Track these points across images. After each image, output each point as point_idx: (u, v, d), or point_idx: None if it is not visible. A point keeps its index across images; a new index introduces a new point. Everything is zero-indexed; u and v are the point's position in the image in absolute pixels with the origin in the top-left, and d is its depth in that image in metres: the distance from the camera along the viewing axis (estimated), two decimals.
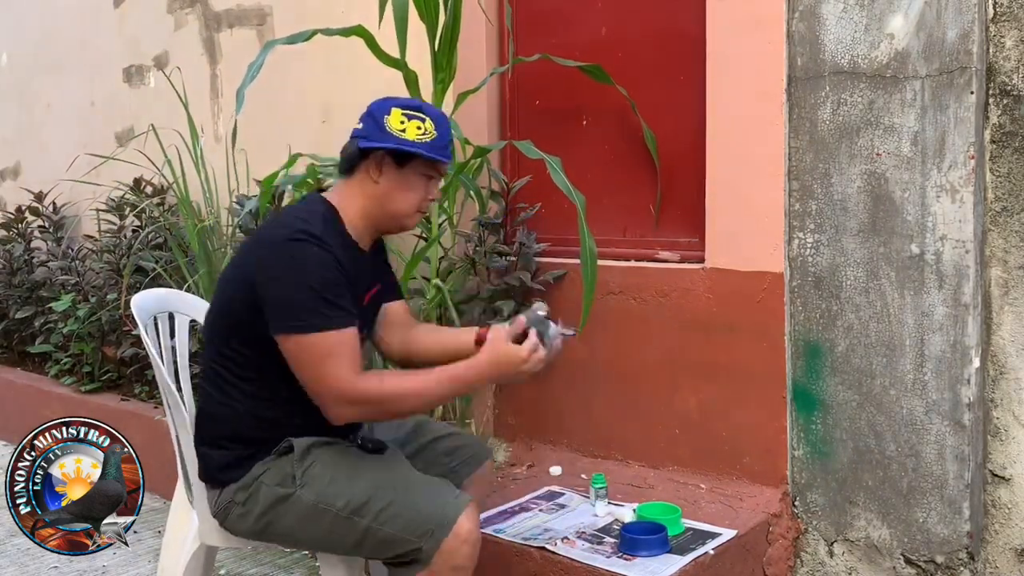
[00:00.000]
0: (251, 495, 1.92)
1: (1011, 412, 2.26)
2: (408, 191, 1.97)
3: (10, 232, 4.70)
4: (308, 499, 1.88)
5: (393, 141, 1.92)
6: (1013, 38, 2.18)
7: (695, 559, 2.18)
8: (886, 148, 2.30)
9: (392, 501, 1.84)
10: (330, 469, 1.91)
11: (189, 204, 3.47)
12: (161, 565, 2.27)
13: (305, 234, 1.84)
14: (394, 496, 1.85)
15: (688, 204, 2.71)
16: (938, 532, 2.28)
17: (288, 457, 1.92)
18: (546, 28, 3.02)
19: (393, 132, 1.92)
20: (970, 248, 2.19)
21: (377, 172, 1.95)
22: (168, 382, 2.04)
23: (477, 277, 2.80)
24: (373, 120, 1.94)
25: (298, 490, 1.89)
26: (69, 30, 4.91)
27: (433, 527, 1.80)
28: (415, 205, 2.00)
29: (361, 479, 1.89)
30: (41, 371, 4.41)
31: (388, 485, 1.88)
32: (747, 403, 2.55)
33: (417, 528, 1.81)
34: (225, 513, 1.97)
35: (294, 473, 1.90)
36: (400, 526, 1.82)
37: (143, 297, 2.24)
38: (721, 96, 2.55)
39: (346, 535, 1.88)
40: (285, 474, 1.91)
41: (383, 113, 1.94)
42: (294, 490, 1.89)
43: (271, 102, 3.51)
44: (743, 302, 2.53)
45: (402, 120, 1.93)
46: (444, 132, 1.98)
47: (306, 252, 1.83)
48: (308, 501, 1.88)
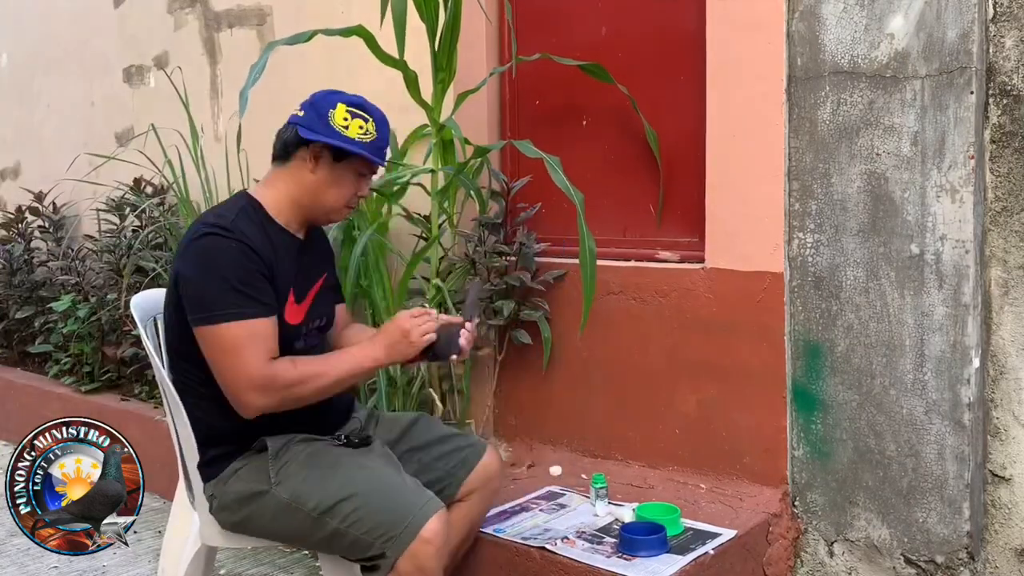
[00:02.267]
0: (227, 491, 1.96)
1: (1011, 412, 2.26)
2: (341, 187, 2.00)
3: (10, 232, 4.70)
4: (282, 497, 1.90)
5: (336, 137, 1.93)
6: (1013, 38, 2.18)
7: (695, 559, 2.18)
8: (886, 148, 2.30)
9: (360, 505, 1.85)
10: (304, 468, 1.92)
11: (189, 204, 3.48)
12: (161, 565, 2.27)
13: (216, 227, 1.86)
14: (363, 500, 1.86)
15: (688, 204, 2.71)
16: (938, 532, 2.28)
17: (263, 455, 1.94)
18: (546, 27, 3.01)
19: (336, 127, 1.93)
20: (970, 248, 2.19)
21: (314, 163, 1.96)
22: (168, 382, 2.04)
23: (477, 277, 2.80)
24: (316, 111, 1.96)
25: (273, 488, 1.91)
26: (69, 30, 4.91)
27: (398, 532, 1.81)
28: (345, 200, 2.02)
29: (333, 480, 1.90)
30: (41, 371, 4.41)
31: (358, 488, 1.88)
32: (747, 403, 2.55)
33: (383, 533, 1.82)
34: (209, 504, 2.02)
35: (269, 471, 1.92)
36: (366, 529, 1.83)
37: (143, 297, 2.24)
38: (721, 96, 2.55)
39: (318, 535, 1.90)
40: (260, 472, 1.93)
41: (328, 106, 1.95)
42: (269, 488, 1.91)
43: (271, 102, 3.50)
44: (743, 302, 2.53)
45: (346, 117, 1.94)
46: (384, 134, 2.01)
47: (217, 245, 1.85)
48: (282, 499, 1.90)
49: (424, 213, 2.97)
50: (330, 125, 1.93)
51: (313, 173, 1.97)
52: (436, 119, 2.85)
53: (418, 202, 3.01)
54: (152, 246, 3.80)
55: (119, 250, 3.91)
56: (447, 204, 2.92)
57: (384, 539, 1.82)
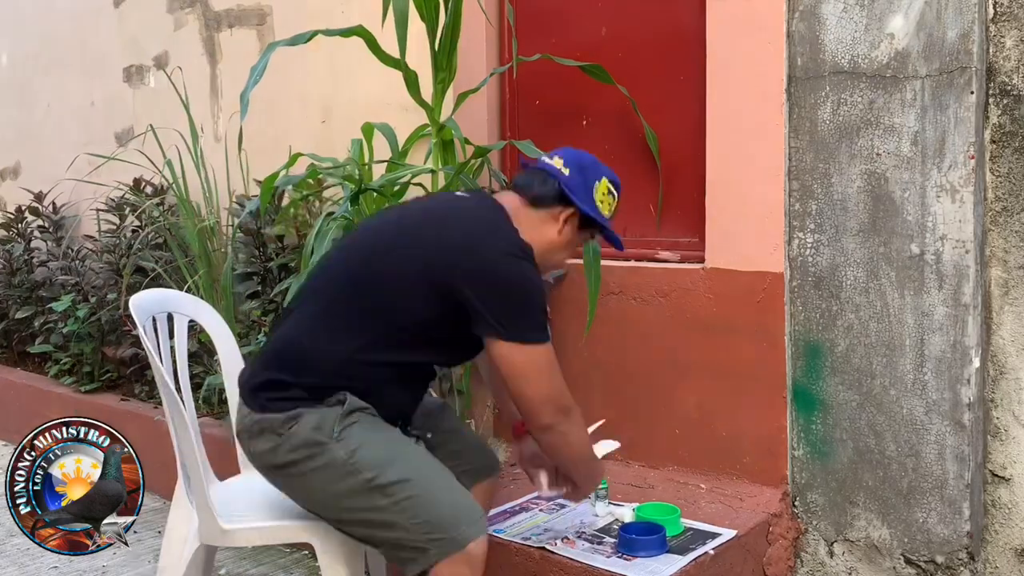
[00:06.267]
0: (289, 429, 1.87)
1: (1011, 412, 2.26)
2: (570, 249, 2.09)
3: (10, 232, 4.71)
4: (338, 455, 1.84)
5: (595, 211, 2.01)
6: (1013, 38, 2.18)
7: (695, 559, 2.18)
8: (886, 148, 2.30)
9: (417, 493, 1.82)
10: (369, 435, 1.87)
11: (189, 204, 3.47)
12: (161, 565, 2.27)
13: (526, 253, 1.90)
14: (422, 489, 1.83)
15: (688, 204, 2.71)
16: (938, 532, 2.28)
17: (335, 409, 1.88)
18: (546, 28, 3.02)
19: (596, 201, 2.01)
20: (970, 248, 2.19)
21: (562, 224, 2.01)
22: (167, 382, 2.04)
23: None
24: (583, 178, 2.01)
25: (332, 443, 1.85)
26: (69, 30, 4.91)
27: (448, 536, 1.78)
28: (566, 258, 2.12)
29: (397, 458, 1.87)
30: (41, 371, 4.41)
31: (419, 475, 1.85)
32: (747, 403, 2.55)
33: (432, 531, 1.79)
34: (257, 432, 1.92)
35: (334, 425, 1.86)
36: (417, 520, 1.80)
37: (142, 297, 2.24)
38: (721, 96, 2.55)
39: (360, 505, 1.84)
40: (326, 423, 1.86)
41: (595, 178, 2.02)
42: (328, 441, 1.85)
43: (271, 102, 3.51)
44: (743, 302, 2.53)
45: (605, 193, 2.04)
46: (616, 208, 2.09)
47: (532, 275, 1.90)
48: (338, 457, 1.84)
49: None
50: (592, 196, 2.01)
51: (559, 234, 2.01)
52: (436, 119, 2.84)
53: None
54: (152, 246, 3.80)
55: (119, 250, 3.91)
56: None
57: (429, 537, 1.79)
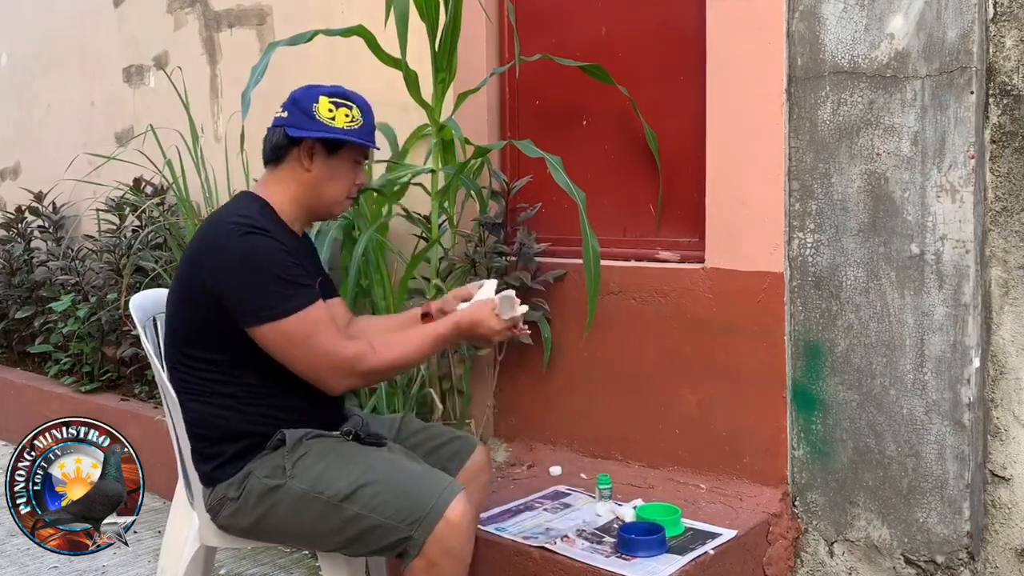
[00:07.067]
0: (243, 490, 1.92)
1: (1011, 412, 2.26)
2: (339, 179, 2.02)
3: (10, 232, 4.71)
4: (298, 488, 1.87)
5: (324, 130, 1.96)
6: (1013, 38, 2.18)
7: (695, 559, 2.18)
8: (886, 148, 2.30)
9: (381, 491, 1.83)
10: (321, 459, 1.90)
11: (189, 204, 3.47)
12: (161, 565, 2.27)
13: (251, 227, 1.87)
14: (384, 485, 1.84)
15: (688, 204, 2.71)
16: (938, 532, 2.28)
17: (280, 450, 1.92)
18: (546, 27, 3.02)
19: (323, 120, 1.96)
20: (970, 248, 2.19)
21: (308, 160, 1.98)
22: (167, 383, 2.04)
23: (477, 277, 2.80)
24: (299, 108, 1.98)
25: (288, 481, 1.88)
26: (69, 30, 4.91)
27: (424, 514, 1.79)
28: (345, 191, 2.05)
29: (353, 468, 1.88)
30: (41, 371, 4.41)
31: (378, 475, 1.87)
32: (747, 403, 2.55)
33: (408, 515, 1.80)
34: (218, 509, 1.97)
35: (284, 464, 1.89)
36: (389, 513, 1.81)
37: (142, 297, 2.24)
38: (721, 96, 2.55)
39: (336, 525, 1.86)
40: (276, 466, 1.90)
41: (310, 101, 1.97)
42: (284, 481, 1.88)
43: (271, 102, 3.51)
44: (743, 302, 2.53)
45: (330, 108, 1.97)
46: (370, 118, 2.03)
47: (257, 243, 1.86)
48: (298, 490, 1.87)
49: (424, 213, 2.97)
50: (317, 119, 1.96)
51: (309, 171, 1.99)
52: (436, 119, 2.85)
53: (418, 202, 3.01)
54: (152, 246, 3.80)
55: (119, 250, 3.91)
56: (447, 204, 2.92)
57: (408, 521, 1.79)
